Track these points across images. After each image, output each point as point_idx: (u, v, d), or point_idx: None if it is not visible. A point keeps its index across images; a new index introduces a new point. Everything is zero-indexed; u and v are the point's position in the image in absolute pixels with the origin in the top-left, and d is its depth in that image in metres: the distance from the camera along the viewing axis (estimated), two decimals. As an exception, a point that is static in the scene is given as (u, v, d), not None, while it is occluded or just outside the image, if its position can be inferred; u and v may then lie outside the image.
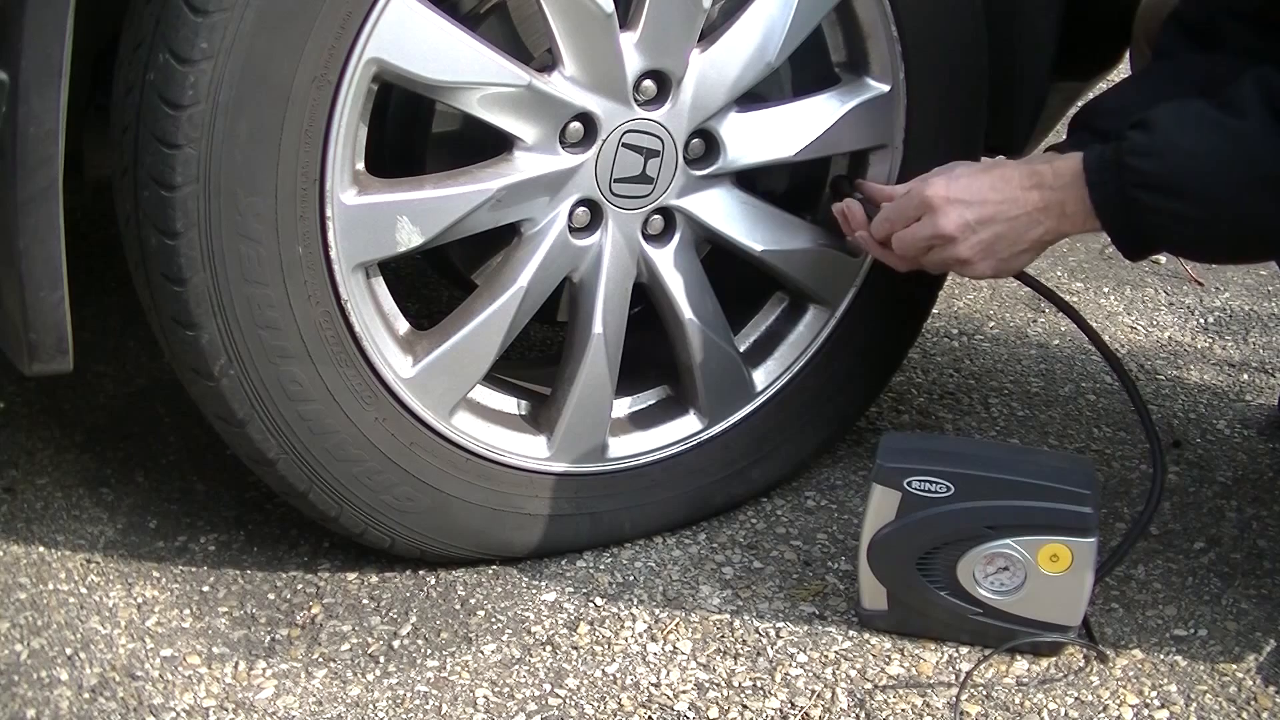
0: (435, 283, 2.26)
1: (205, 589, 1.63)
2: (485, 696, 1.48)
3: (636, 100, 1.55)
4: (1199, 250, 1.53)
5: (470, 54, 1.45)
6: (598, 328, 1.61)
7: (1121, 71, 1.89)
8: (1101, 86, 1.92)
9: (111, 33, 1.42)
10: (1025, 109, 1.78)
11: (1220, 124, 1.41)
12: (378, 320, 1.52)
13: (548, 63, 1.51)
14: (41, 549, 1.69)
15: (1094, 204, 1.45)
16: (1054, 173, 1.48)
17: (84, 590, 1.62)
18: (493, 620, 1.59)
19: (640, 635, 1.57)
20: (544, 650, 1.54)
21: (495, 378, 1.63)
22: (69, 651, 1.53)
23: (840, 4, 1.62)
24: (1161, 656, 1.54)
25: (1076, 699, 1.48)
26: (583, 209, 1.57)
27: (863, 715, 1.46)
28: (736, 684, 1.49)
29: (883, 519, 1.49)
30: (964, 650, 1.53)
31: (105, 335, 2.14)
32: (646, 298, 1.66)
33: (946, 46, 1.68)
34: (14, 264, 1.34)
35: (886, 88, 1.67)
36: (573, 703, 1.47)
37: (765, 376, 1.75)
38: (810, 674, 1.51)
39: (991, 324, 2.30)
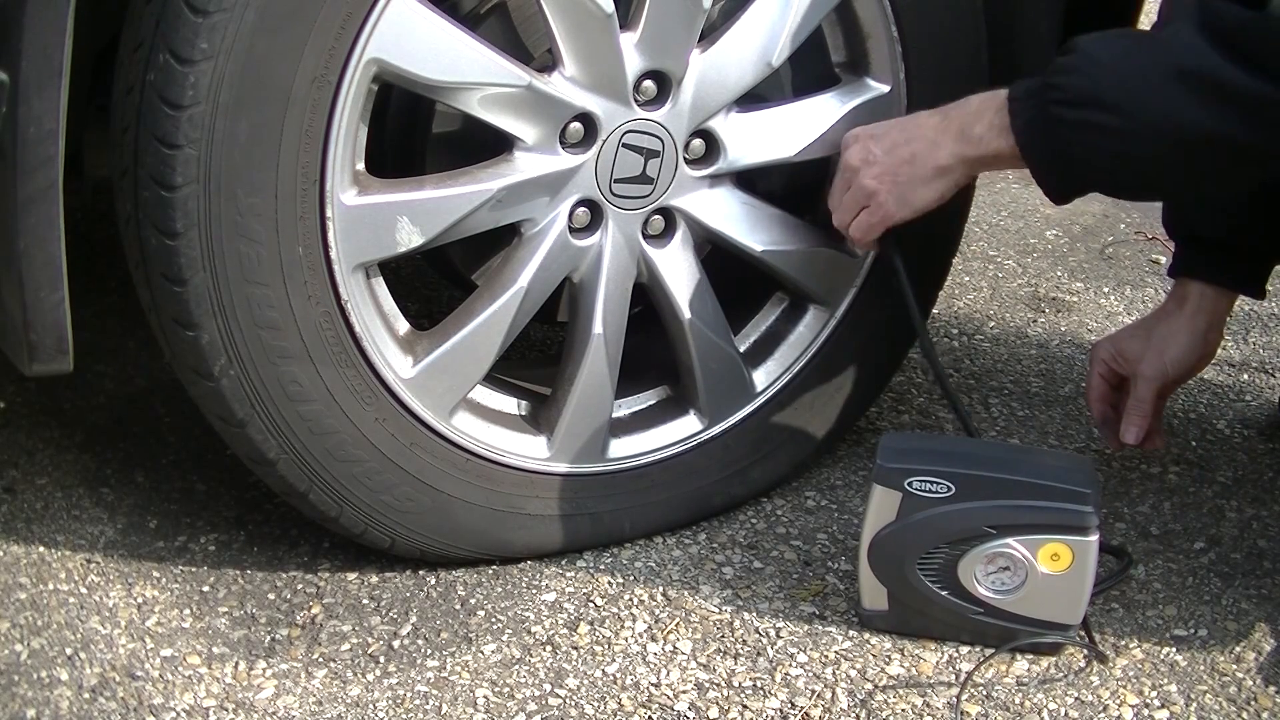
0: (435, 283, 2.26)
1: (205, 589, 1.63)
2: (485, 696, 1.48)
3: (637, 100, 1.55)
4: (1123, 172, 1.46)
5: (470, 54, 1.45)
6: (598, 328, 1.61)
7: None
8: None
9: (111, 33, 1.42)
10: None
11: (1143, 37, 1.43)
12: (378, 320, 1.52)
13: (548, 63, 1.51)
14: (41, 549, 1.69)
15: (1016, 129, 1.45)
16: (962, 101, 1.52)
17: (84, 590, 1.62)
18: (493, 620, 1.59)
19: (640, 635, 1.57)
20: (544, 650, 1.54)
21: (495, 378, 1.63)
22: (69, 651, 1.53)
23: (840, 4, 1.62)
24: (1161, 656, 1.54)
25: (1076, 699, 1.48)
26: (583, 209, 1.57)
27: (863, 715, 1.46)
28: (736, 684, 1.50)
29: (883, 519, 1.49)
30: (964, 650, 1.53)
31: (105, 335, 2.14)
32: (646, 298, 1.66)
33: (946, 46, 1.68)
34: (14, 264, 1.34)
35: (886, 88, 1.67)
36: (573, 703, 1.47)
37: (765, 377, 1.75)
38: (810, 674, 1.51)
39: (991, 324, 2.30)
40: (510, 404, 1.66)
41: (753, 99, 1.62)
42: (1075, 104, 1.41)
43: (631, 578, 1.66)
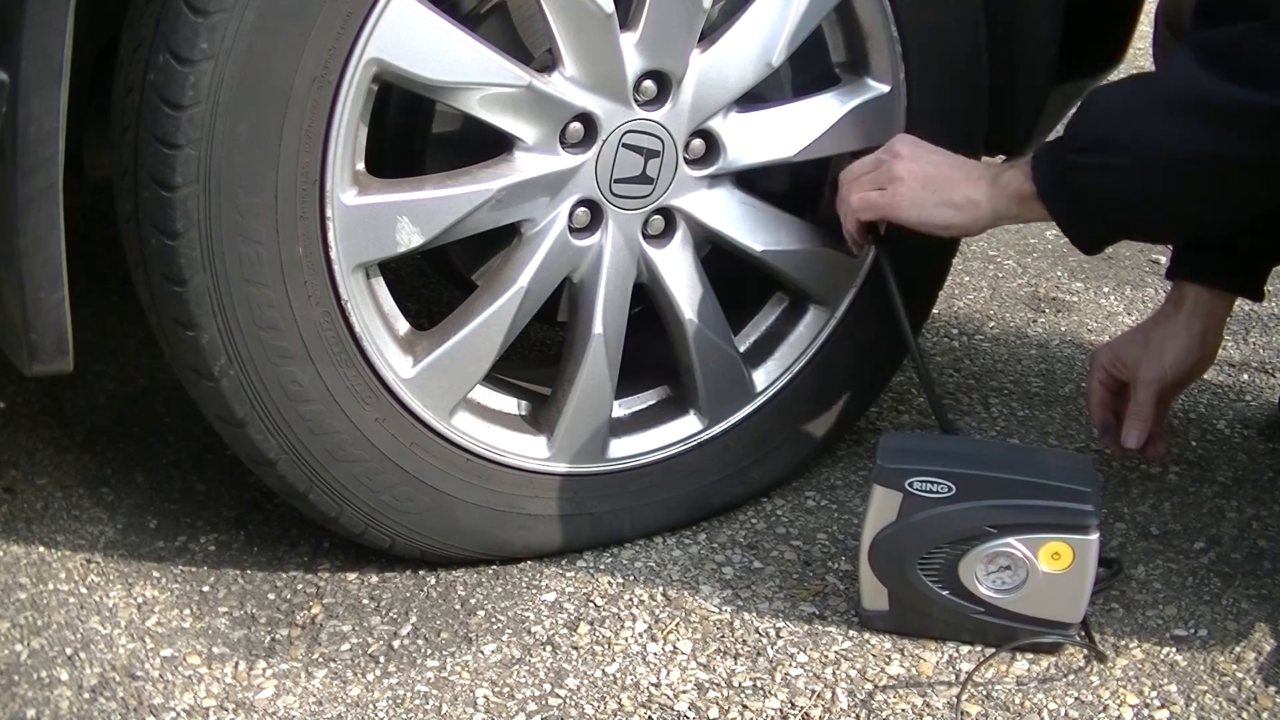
0: (435, 283, 2.26)
1: (205, 589, 1.63)
2: (485, 696, 1.48)
3: (637, 100, 1.55)
4: (1141, 210, 1.49)
5: (470, 54, 1.45)
6: (598, 328, 1.61)
7: (1123, 71, 1.89)
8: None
9: (111, 33, 1.42)
10: (1025, 109, 1.78)
11: (1146, 76, 1.49)
12: (378, 320, 1.52)
13: (548, 63, 1.51)
14: (41, 549, 1.69)
15: (1036, 183, 1.48)
16: (1002, 161, 1.57)
17: (84, 590, 1.62)
18: (493, 620, 1.59)
19: (640, 635, 1.57)
20: (544, 650, 1.54)
21: (495, 378, 1.63)
22: (69, 651, 1.53)
23: (840, 4, 1.62)
24: (1161, 656, 1.54)
25: (1076, 699, 1.48)
26: (583, 209, 1.57)
27: (863, 715, 1.46)
28: (736, 684, 1.50)
29: (884, 520, 1.49)
30: (964, 650, 1.53)
31: (105, 335, 2.14)
32: (646, 298, 1.66)
33: (946, 46, 1.68)
34: (14, 264, 1.34)
35: (886, 88, 1.67)
36: (573, 703, 1.47)
37: (765, 377, 1.75)
38: (810, 674, 1.51)
39: (991, 324, 2.30)
40: (510, 404, 1.66)
41: (753, 99, 1.62)
42: (1088, 150, 1.45)
43: (631, 578, 1.66)
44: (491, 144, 1.52)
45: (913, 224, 1.57)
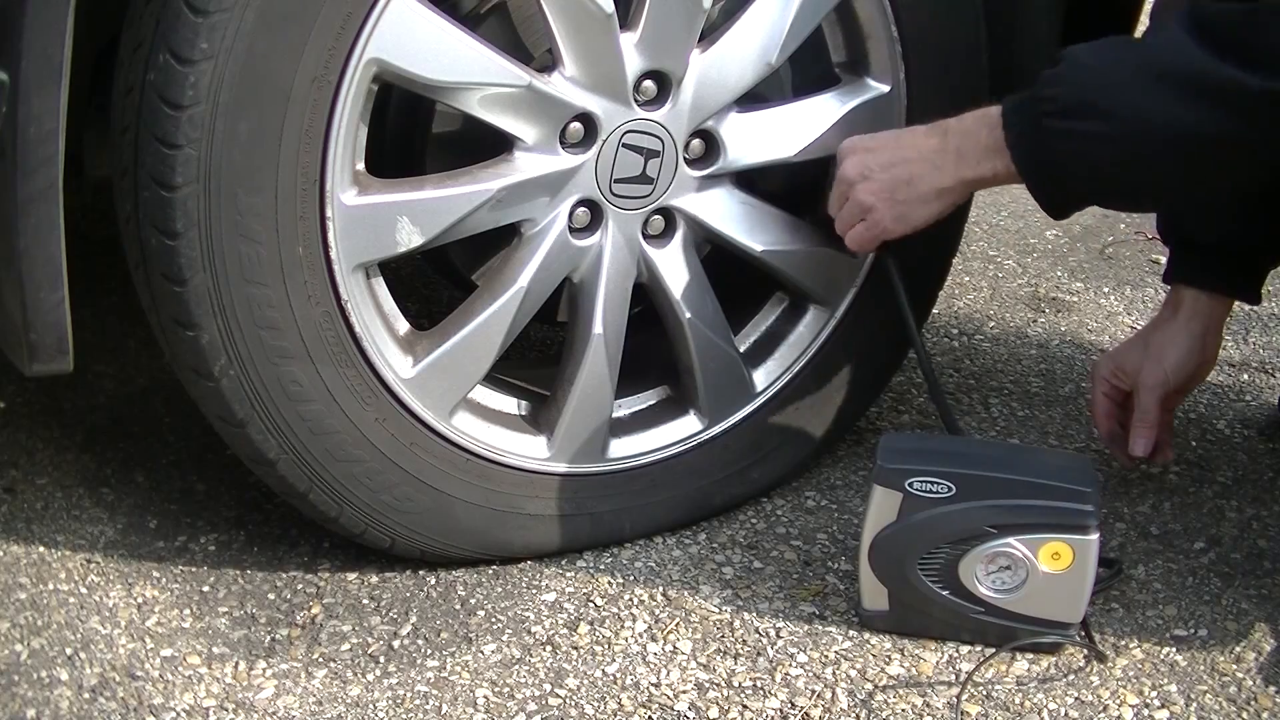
0: (435, 283, 2.26)
1: (205, 589, 1.63)
2: (485, 696, 1.48)
3: (637, 100, 1.55)
4: (1117, 180, 1.46)
5: (470, 54, 1.45)
6: (598, 328, 1.61)
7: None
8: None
9: (111, 33, 1.42)
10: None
11: (1132, 43, 1.43)
12: (378, 320, 1.52)
13: (548, 63, 1.51)
14: (41, 549, 1.69)
15: (1010, 144, 1.45)
16: (957, 119, 1.51)
17: (84, 590, 1.62)
18: (493, 620, 1.59)
19: (640, 635, 1.57)
20: (544, 650, 1.54)
21: (495, 378, 1.63)
22: (69, 651, 1.53)
23: (840, 4, 1.62)
24: (1161, 656, 1.54)
25: (1076, 699, 1.48)
26: (583, 209, 1.57)
27: (863, 715, 1.46)
28: (736, 684, 1.50)
29: (884, 520, 1.49)
30: (964, 650, 1.53)
31: (105, 335, 2.14)
32: (646, 298, 1.66)
33: (946, 46, 1.68)
34: (14, 264, 1.34)
35: (886, 88, 1.67)
36: (573, 703, 1.47)
37: (765, 377, 1.75)
38: (810, 674, 1.51)
39: (991, 324, 2.30)
40: (510, 404, 1.66)
41: (753, 99, 1.62)
42: (1066, 114, 1.41)
43: (631, 578, 1.66)
44: (491, 144, 1.52)
45: (906, 232, 1.57)
